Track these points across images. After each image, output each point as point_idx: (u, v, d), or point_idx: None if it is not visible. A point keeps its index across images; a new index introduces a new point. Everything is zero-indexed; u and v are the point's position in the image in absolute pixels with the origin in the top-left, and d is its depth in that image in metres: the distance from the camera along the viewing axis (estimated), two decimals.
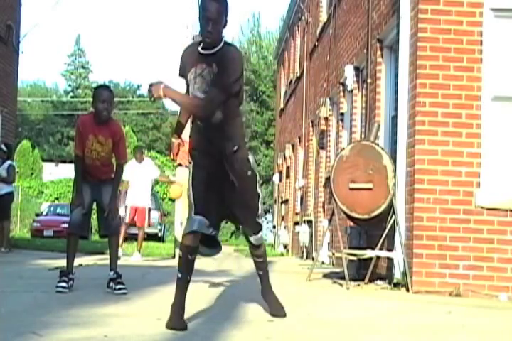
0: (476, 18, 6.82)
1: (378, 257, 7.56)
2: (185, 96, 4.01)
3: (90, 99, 6.20)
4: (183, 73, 4.09)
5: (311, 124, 16.00)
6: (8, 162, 12.17)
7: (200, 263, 11.29)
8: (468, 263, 6.58)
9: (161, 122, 63.93)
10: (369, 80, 9.36)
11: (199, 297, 5.28)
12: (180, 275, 3.95)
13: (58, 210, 28.13)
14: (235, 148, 4.05)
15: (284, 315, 4.36)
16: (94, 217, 5.96)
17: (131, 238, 22.32)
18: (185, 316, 4.14)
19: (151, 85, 3.81)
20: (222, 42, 3.98)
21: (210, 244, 4.20)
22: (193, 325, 3.89)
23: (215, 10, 3.88)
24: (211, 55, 3.95)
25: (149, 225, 12.14)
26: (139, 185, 11.53)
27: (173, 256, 11.77)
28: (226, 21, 3.97)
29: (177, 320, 3.77)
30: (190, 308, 4.54)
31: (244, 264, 12.20)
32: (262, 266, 4.55)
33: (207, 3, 3.91)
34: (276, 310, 4.42)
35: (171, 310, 3.80)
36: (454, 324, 4.60)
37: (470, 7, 6.82)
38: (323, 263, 11.45)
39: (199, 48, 3.99)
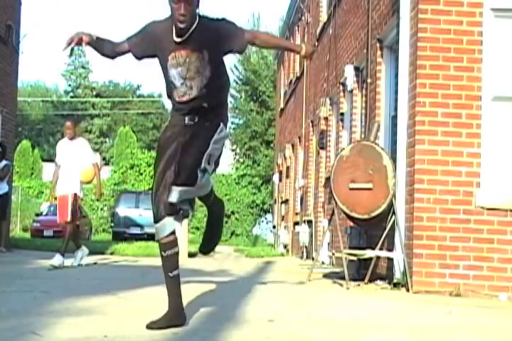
0: (476, 18, 6.82)
1: (378, 257, 7.56)
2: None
3: (90, 99, 6.18)
4: (152, 47, 3.79)
5: (311, 124, 15.99)
6: (4, 162, 12.21)
7: (200, 263, 11.32)
8: (468, 263, 6.58)
9: (161, 122, 63.95)
10: (369, 80, 9.37)
11: (199, 297, 5.28)
12: (170, 275, 3.87)
13: None
14: (214, 103, 3.84)
15: None
16: (94, 216, 5.96)
17: (131, 238, 22.39)
18: (186, 316, 4.14)
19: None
20: (197, 19, 3.69)
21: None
22: (193, 324, 3.89)
23: None
24: (189, 37, 3.68)
25: (74, 218, 8.84)
26: (67, 169, 9.07)
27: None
28: (199, 1, 3.69)
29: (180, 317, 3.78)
30: (190, 308, 4.54)
31: (244, 264, 12.21)
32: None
33: None
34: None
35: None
36: (454, 324, 4.60)
37: (470, 7, 6.82)
38: (323, 263, 11.45)
39: (173, 35, 3.69)
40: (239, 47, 3.86)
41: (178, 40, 3.71)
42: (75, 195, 8.91)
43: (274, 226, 23.75)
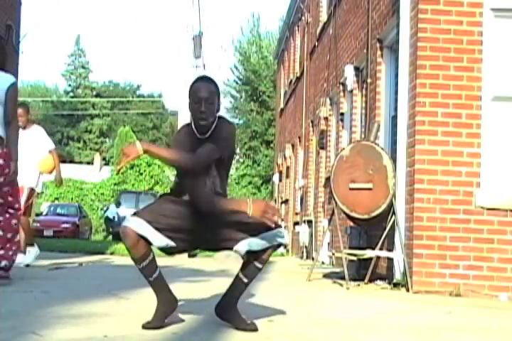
0: (476, 18, 6.82)
1: (378, 257, 7.56)
2: (170, 150, 3.63)
3: (90, 99, 6.13)
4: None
5: (311, 124, 16.00)
6: None
7: (200, 263, 11.32)
8: (468, 263, 6.58)
9: (161, 122, 63.99)
10: (369, 80, 9.37)
11: (199, 297, 5.28)
12: (150, 280, 3.81)
13: (58, 210, 28.17)
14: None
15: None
16: (94, 216, 5.94)
17: None
18: (186, 316, 4.13)
19: (122, 150, 3.47)
20: (217, 119, 3.71)
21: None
22: (193, 324, 3.89)
23: (208, 90, 3.65)
24: (210, 135, 3.68)
25: (25, 212, 7.92)
26: (24, 160, 7.77)
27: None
28: (219, 105, 3.72)
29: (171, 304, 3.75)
30: (190, 308, 4.54)
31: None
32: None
33: (199, 85, 3.67)
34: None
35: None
36: (454, 324, 4.60)
37: (470, 7, 6.83)
38: (323, 263, 11.46)
39: (195, 132, 3.69)
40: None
41: (200, 137, 3.68)
42: (31, 189, 8.26)
43: None
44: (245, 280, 3.83)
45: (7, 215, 5.80)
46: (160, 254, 3.99)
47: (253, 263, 3.77)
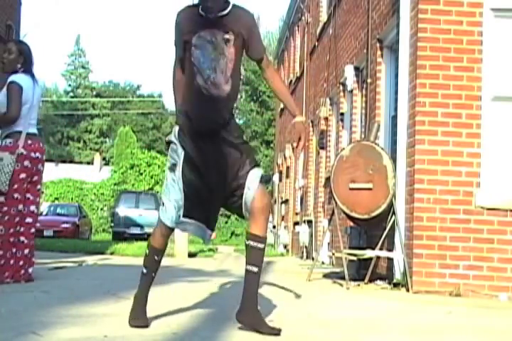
0: (476, 18, 6.82)
1: (378, 257, 7.56)
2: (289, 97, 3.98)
3: (90, 99, 6.18)
4: (182, 39, 3.62)
5: (311, 124, 16.00)
6: None
7: (200, 263, 11.32)
8: (468, 263, 6.58)
9: (161, 122, 63.95)
10: (369, 80, 9.37)
11: (199, 297, 5.28)
12: (144, 271, 3.86)
13: (58, 210, 28.17)
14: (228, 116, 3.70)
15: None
16: (94, 216, 5.94)
17: (131, 238, 22.38)
18: (187, 316, 4.13)
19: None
20: (231, 5, 3.61)
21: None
22: (193, 324, 3.89)
23: None
24: (220, 18, 3.57)
25: None
26: None
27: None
28: None
29: (141, 318, 3.73)
30: (191, 308, 4.54)
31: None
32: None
33: None
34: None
35: (134, 307, 3.79)
36: (454, 324, 4.60)
37: (470, 7, 6.82)
38: (323, 263, 11.46)
39: (200, 11, 3.58)
40: (255, 53, 3.84)
41: (206, 17, 3.58)
42: None
43: (274, 226, 23.75)
44: (255, 269, 3.71)
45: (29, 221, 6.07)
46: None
47: (252, 245, 3.68)
